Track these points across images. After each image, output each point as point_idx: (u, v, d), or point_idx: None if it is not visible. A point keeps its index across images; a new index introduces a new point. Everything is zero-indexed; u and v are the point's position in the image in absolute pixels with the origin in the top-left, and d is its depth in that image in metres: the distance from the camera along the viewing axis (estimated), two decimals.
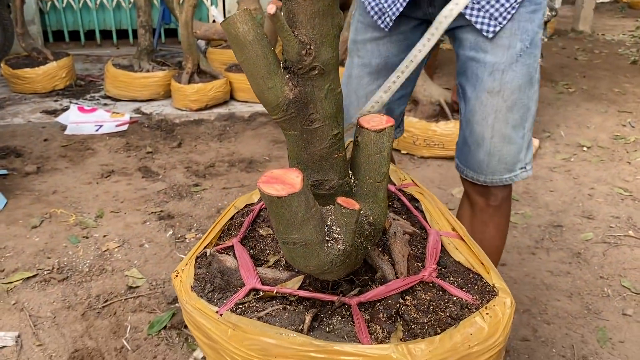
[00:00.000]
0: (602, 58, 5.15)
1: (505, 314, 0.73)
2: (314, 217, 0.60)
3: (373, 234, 0.73)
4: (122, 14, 5.41)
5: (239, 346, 0.70)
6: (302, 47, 0.57)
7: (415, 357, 0.65)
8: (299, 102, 0.61)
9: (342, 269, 0.68)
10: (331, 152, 0.66)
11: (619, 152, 2.89)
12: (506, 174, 1.20)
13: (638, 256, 1.94)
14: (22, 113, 3.35)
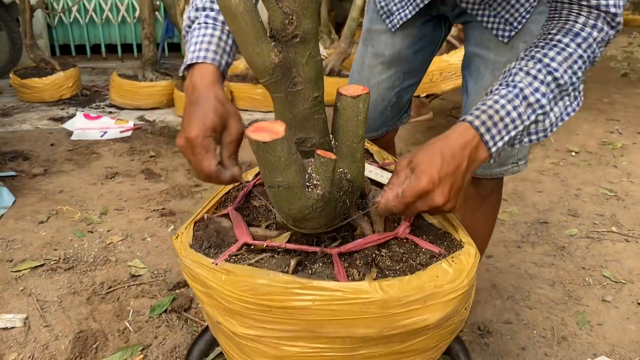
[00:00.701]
0: (593, 71, 5.27)
1: (469, 262, 0.81)
2: (296, 163, 0.70)
3: (351, 190, 0.82)
4: (127, 28, 5.56)
5: (232, 289, 0.78)
6: (285, 17, 0.67)
7: (386, 291, 0.74)
8: (283, 66, 0.70)
9: (322, 217, 0.77)
10: (312, 113, 0.75)
11: (606, 156, 2.98)
12: (497, 167, 1.24)
13: (619, 249, 2.02)
14: (30, 120, 3.47)
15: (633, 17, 9.21)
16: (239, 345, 0.82)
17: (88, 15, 5.42)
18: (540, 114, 0.87)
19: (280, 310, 0.75)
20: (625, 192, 2.53)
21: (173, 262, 1.92)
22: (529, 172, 2.75)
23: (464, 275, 0.79)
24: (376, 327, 0.74)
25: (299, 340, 0.77)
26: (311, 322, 0.75)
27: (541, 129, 0.90)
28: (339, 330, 0.75)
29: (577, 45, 0.86)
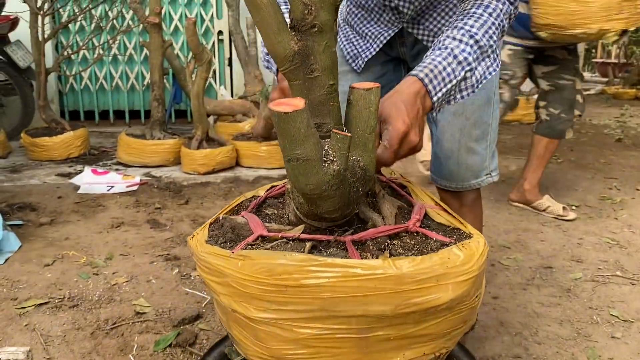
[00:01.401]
0: (588, 137, 5.42)
1: (479, 249, 0.83)
2: (314, 135, 0.74)
3: (364, 178, 0.85)
4: (135, 95, 5.77)
5: (248, 272, 0.80)
6: (305, 7, 0.74)
7: (399, 268, 0.76)
8: (302, 53, 0.76)
9: (338, 196, 0.80)
10: (328, 100, 0.80)
11: (606, 210, 3.02)
12: (473, 179, 1.42)
13: (626, 292, 2.02)
14: (38, 176, 3.53)
15: (624, 91, 9.57)
16: (254, 331, 0.83)
17: (98, 83, 5.64)
18: (467, 70, 1.04)
19: (296, 289, 0.76)
20: (627, 241, 2.55)
21: (178, 301, 1.91)
22: (530, 223, 2.78)
23: (474, 260, 0.81)
24: (391, 304, 0.75)
25: (313, 321, 0.78)
26: (326, 300, 0.76)
27: (469, 85, 1.06)
28: (354, 308, 0.76)
29: (489, 15, 1.06)
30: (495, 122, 1.43)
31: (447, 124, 1.40)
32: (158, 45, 3.79)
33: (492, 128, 1.41)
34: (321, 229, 0.91)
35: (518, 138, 5.33)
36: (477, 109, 1.38)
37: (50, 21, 4.86)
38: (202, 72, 3.54)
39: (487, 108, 1.39)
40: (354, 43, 1.48)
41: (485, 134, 1.40)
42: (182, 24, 5.65)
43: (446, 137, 1.41)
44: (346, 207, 0.85)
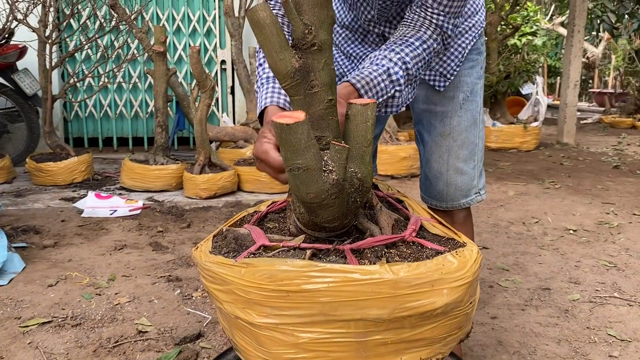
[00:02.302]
0: (586, 164, 5.48)
1: (472, 257, 0.86)
2: (314, 146, 0.78)
3: (361, 189, 0.89)
4: (139, 122, 5.86)
5: (251, 279, 0.83)
6: (305, 27, 0.80)
7: (396, 273, 0.79)
8: (302, 70, 0.81)
9: (337, 205, 0.84)
10: (327, 114, 0.85)
11: (603, 234, 3.05)
12: (463, 199, 1.48)
13: (623, 312, 2.04)
14: (42, 200, 3.58)
15: (620, 120, 9.68)
16: (256, 337, 0.86)
17: (103, 110, 5.73)
18: (397, 90, 1.13)
19: (297, 294, 0.80)
20: (625, 263, 2.57)
21: (180, 321, 1.93)
22: (528, 247, 2.81)
23: (468, 266, 0.85)
24: (388, 308, 0.79)
25: (314, 325, 0.81)
26: (326, 304, 0.80)
27: (395, 104, 1.16)
28: (353, 312, 0.79)
29: (423, 49, 1.17)
30: (481, 142, 1.49)
31: (435, 145, 1.47)
32: (162, 73, 3.88)
33: (478, 148, 1.48)
34: (321, 239, 0.95)
35: (516, 165, 5.40)
36: (463, 130, 1.44)
37: (57, 50, 4.98)
38: (205, 99, 3.62)
39: (473, 129, 1.46)
40: (339, 62, 1.54)
41: (473, 154, 1.46)
42: (186, 53, 5.78)
43: (434, 158, 1.47)
44: (344, 216, 0.90)
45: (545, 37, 12.91)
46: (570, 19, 6.75)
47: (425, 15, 1.19)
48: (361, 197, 0.91)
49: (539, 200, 3.83)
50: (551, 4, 14.57)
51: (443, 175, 1.47)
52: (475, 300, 0.90)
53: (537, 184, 4.40)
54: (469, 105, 1.45)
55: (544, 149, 6.53)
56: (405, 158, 4.58)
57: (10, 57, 4.38)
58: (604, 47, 14.68)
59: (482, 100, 1.50)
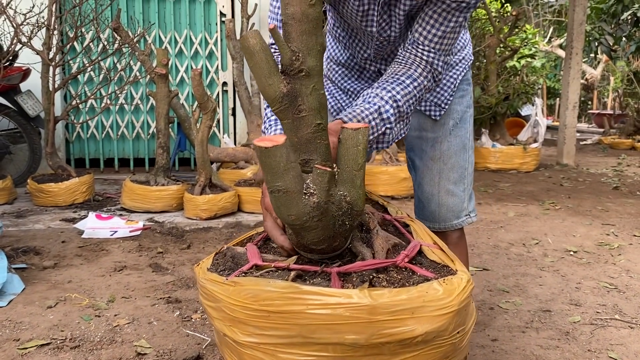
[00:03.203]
0: (586, 185, 5.49)
1: (461, 285, 0.85)
2: (294, 169, 0.80)
3: (351, 212, 0.90)
4: (140, 143, 5.89)
5: (237, 297, 0.85)
6: (293, 54, 0.82)
7: (374, 299, 0.79)
8: (290, 95, 0.83)
9: (321, 228, 0.85)
10: (315, 137, 0.87)
11: (604, 255, 3.05)
12: (454, 220, 1.54)
13: (624, 335, 2.03)
14: (43, 221, 3.58)
15: (620, 141, 9.72)
16: (240, 355, 0.87)
17: (105, 131, 5.77)
18: (388, 128, 1.17)
19: (277, 315, 0.81)
20: (625, 285, 2.57)
21: (179, 343, 1.92)
22: (529, 268, 2.81)
23: (453, 295, 0.83)
24: (364, 334, 0.79)
25: (293, 347, 0.82)
26: (304, 327, 0.80)
27: (386, 140, 1.20)
28: (330, 336, 0.80)
29: (414, 87, 1.21)
30: (470, 167, 1.56)
31: (427, 168, 1.53)
32: (164, 95, 3.92)
33: (468, 172, 1.54)
34: (314, 260, 0.96)
35: (516, 186, 5.41)
36: (453, 154, 1.51)
37: (60, 72, 5.03)
38: (207, 121, 3.65)
39: (463, 153, 1.53)
40: (336, 97, 1.60)
41: (462, 177, 1.53)
42: (188, 75, 5.84)
43: (426, 180, 1.54)
44: (332, 239, 0.90)
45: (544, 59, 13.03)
46: (568, 41, 6.83)
47: (416, 52, 1.24)
48: (350, 220, 0.91)
49: (539, 222, 3.83)
50: (549, 26, 14.74)
51: (435, 197, 1.53)
52: (466, 330, 0.89)
53: (537, 205, 4.40)
54: (458, 132, 1.53)
55: (544, 170, 6.55)
56: (405, 179, 4.59)
57: (14, 79, 4.43)
58: (602, 69, 14.81)
59: (471, 128, 1.58)
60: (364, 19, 1.33)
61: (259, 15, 5.71)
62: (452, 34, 1.24)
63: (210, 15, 5.92)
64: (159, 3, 5.78)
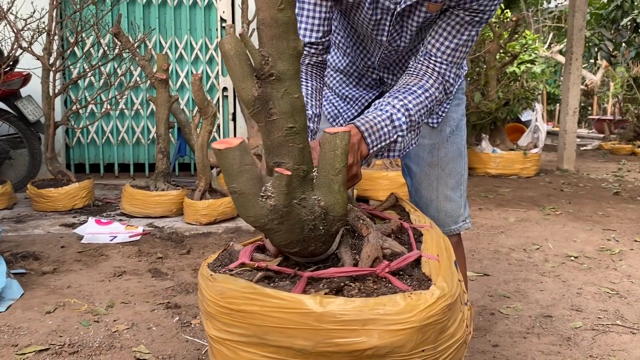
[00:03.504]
0: (586, 190, 5.49)
1: (427, 301, 0.80)
2: (248, 172, 0.80)
3: (325, 217, 0.89)
4: (140, 149, 5.89)
5: (211, 292, 0.88)
6: (263, 59, 0.82)
7: (324, 306, 0.78)
8: (261, 99, 0.84)
9: (284, 231, 0.85)
10: (287, 141, 0.86)
11: (605, 261, 3.04)
12: (453, 225, 1.57)
13: (626, 340, 2.02)
14: (42, 226, 3.58)
15: (620, 146, 9.72)
16: (212, 348, 0.91)
17: (105, 136, 5.77)
18: (400, 135, 1.19)
19: (238, 313, 0.83)
20: (627, 291, 2.56)
21: (178, 348, 1.91)
22: (530, 273, 2.80)
23: (415, 311, 0.79)
24: (312, 341, 0.78)
25: (250, 346, 0.84)
26: (259, 327, 0.82)
27: (398, 148, 1.21)
28: (281, 339, 0.80)
29: (425, 97, 1.23)
30: (465, 173, 1.58)
31: (424, 174, 1.55)
32: (164, 100, 3.92)
33: (463, 178, 1.57)
34: (301, 264, 0.97)
35: (516, 191, 5.40)
36: (450, 161, 1.53)
37: (60, 77, 5.04)
38: (207, 126, 3.65)
39: (459, 160, 1.55)
40: (333, 104, 1.61)
41: (459, 183, 1.55)
42: (189, 81, 5.84)
43: (424, 186, 1.55)
44: (304, 243, 0.90)
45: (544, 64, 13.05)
46: (568, 47, 6.84)
47: (428, 64, 1.26)
48: (326, 226, 0.91)
49: (540, 227, 3.82)
50: (549, 32, 14.78)
51: (433, 202, 1.54)
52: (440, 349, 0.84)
53: (537, 210, 4.40)
54: (454, 139, 1.54)
55: (544, 176, 6.54)
56: (405, 184, 4.57)
57: (14, 84, 4.43)
58: (602, 74, 14.83)
59: (466, 136, 1.60)
60: (375, 28, 1.33)
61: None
62: (464, 47, 1.26)
63: (211, 20, 5.93)
64: (160, 8, 5.79)
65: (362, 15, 1.31)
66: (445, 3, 1.24)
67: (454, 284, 0.90)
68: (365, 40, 1.43)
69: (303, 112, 0.87)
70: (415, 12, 1.27)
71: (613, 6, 9.31)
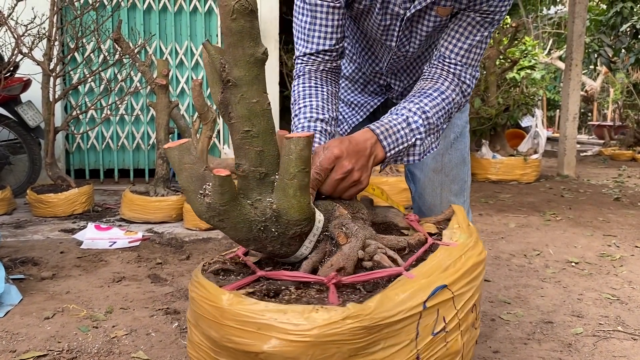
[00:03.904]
0: (587, 196, 5.48)
1: (332, 319, 0.78)
2: (187, 170, 0.87)
3: (277, 220, 0.92)
4: (140, 154, 5.89)
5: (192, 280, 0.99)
6: (221, 66, 0.86)
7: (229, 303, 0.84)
8: (223, 103, 0.89)
9: (229, 229, 0.90)
10: (243, 144, 0.90)
11: (606, 266, 3.03)
12: None
13: (627, 347, 2.01)
14: (42, 231, 3.57)
15: (620, 152, 9.72)
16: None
17: (105, 142, 5.77)
18: (418, 138, 1.17)
19: (190, 299, 0.96)
20: (628, 297, 2.55)
21: (177, 354, 1.90)
22: (530, 279, 2.79)
23: (314, 325, 0.77)
24: (218, 334, 0.84)
25: (196, 328, 0.93)
26: (195, 313, 0.92)
27: (417, 152, 1.19)
28: (205, 328, 0.88)
29: (442, 100, 1.21)
30: (469, 180, 1.58)
31: (428, 180, 1.54)
32: (165, 105, 3.92)
33: (467, 185, 1.56)
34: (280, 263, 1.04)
35: (517, 197, 5.39)
36: (454, 167, 1.52)
37: (61, 82, 5.04)
38: (207, 131, 3.65)
39: (463, 167, 1.55)
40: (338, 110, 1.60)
41: (463, 189, 1.55)
42: (189, 86, 5.85)
43: (428, 192, 1.54)
44: (256, 242, 0.94)
45: (544, 70, 13.08)
46: (568, 53, 6.85)
47: (443, 66, 1.25)
48: (279, 228, 0.93)
49: (540, 232, 3.81)
50: (549, 38, 14.82)
51: (437, 208, 1.53)
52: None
53: (538, 216, 4.39)
54: (458, 145, 1.54)
55: (545, 181, 6.54)
56: (405, 189, 4.58)
57: (14, 89, 4.43)
58: (602, 80, 14.85)
59: (469, 143, 1.59)
60: (384, 33, 1.33)
61: (260, 27, 5.74)
62: (477, 49, 1.25)
63: (211, 26, 5.95)
64: (160, 14, 5.81)
65: (372, 21, 1.31)
66: (455, 7, 1.23)
67: (394, 307, 0.83)
68: (374, 45, 1.43)
69: (263, 117, 0.89)
70: (425, 17, 1.27)
71: (612, 12, 9.33)
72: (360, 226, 1.05)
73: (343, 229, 1.01)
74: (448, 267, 0.96)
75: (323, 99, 1.27)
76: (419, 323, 0.86)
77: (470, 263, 0.99)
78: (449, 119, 1.26)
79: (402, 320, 0.83)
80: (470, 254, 1.01)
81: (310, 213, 0.95)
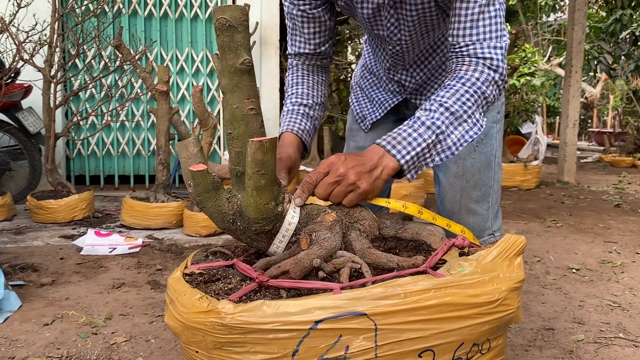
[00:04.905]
0: (587, 202, 5.48)
1: (203, 309, 0.90)
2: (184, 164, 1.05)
3: (241, 215, 1.03)
4: (140, 160, 5.89)
5: None
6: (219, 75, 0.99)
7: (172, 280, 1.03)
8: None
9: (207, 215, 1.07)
10: (227, 144, 1.04)
11: (607, 273, 3.02)
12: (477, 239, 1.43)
13: (629, 354, 2.00)
14: (42, 237, 3.57)
15: (621, 159, 9.72)
16: None
17: (105, 148, 5.78)
18: (439, 134, 1.11)
19: None
20: (629, 303, 2.54)
21: None
22: (531, 286, 2.78)
23: (191, 311, 0.91)
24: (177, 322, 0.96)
25: None
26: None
27: (446, 147, 1.13)
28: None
29: (461, 84, 1.14)
30: (496, 184, 1.49)
31: (449, 185, 1.48)
32: (165, 112, 3.93)
33: (493, 190, 1.47)
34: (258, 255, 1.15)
35: (517, 203, 5.39)
36: (477, 172, 1.44)
37: (61, 89, 5.05)
38: (207, 137, 3.65)
39: (488, 171, 1.46)
40: (362, 105, 1.60)
41: (487, 195, 1.46)
42: (189, 93, 5.86)
43: (447, 197, 1.48)
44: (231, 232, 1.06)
45: (544, 77, 13.11)
46: (567, 59, 6.87)
47: (456, 55, 1.19)
48: (244, 223, 1.02)
49: (541, 239, 3.81)
50: (548, 45, 14.86)
51: (455, 215, 1.47)
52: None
53: (538, 223, 4.38)
54: (482, 148, 1.45)
55: (545, 188, 6.54)
56: (405, 196, 4.58)
57: (15, 96, 4.44)
58: (601, 87, 14.88)
59: (499, 144, 1.48)
60: (374, 24, 1.33)
61: (260, 33, 5.76)
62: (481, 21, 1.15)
63: (212, 33, 5.96)
64: (161, 21, 5.83)
65: (359, 15, 1.31)
66: None
67: (269, 316, 0.82)
68: (376, 40, 1.43)
69: (243, 121, 0.98)
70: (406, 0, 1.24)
71: (612, 19, 9.36)
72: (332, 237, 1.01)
73: (312, 235, 1.01)
74: (394, 297, 0.83)
75: (309, 87, 1.38)
76: (303, 341, 0.81)
77: (437, 301, 0.84)
78: (485, 100, 1.17)
79: (274, 331, 0.81)
80: (451, 291, 0.86)
81: (269, 214, 1.01)
